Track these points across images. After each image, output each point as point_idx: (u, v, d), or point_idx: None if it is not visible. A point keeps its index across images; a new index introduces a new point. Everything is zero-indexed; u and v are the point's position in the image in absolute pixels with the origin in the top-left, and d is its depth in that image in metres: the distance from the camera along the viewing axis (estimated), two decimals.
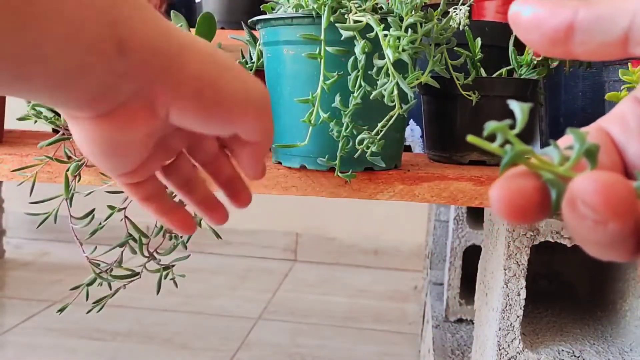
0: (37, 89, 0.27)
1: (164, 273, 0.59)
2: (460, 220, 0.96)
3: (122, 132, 0.31)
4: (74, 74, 0.27)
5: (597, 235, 0.18)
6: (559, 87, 0.71)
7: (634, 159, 0.23)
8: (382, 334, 1.38)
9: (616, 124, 0.24)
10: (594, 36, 0.22)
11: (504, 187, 0.19)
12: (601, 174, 0.17)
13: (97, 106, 0.29)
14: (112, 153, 0.32)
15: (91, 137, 0.32)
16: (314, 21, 0.50)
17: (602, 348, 0.58)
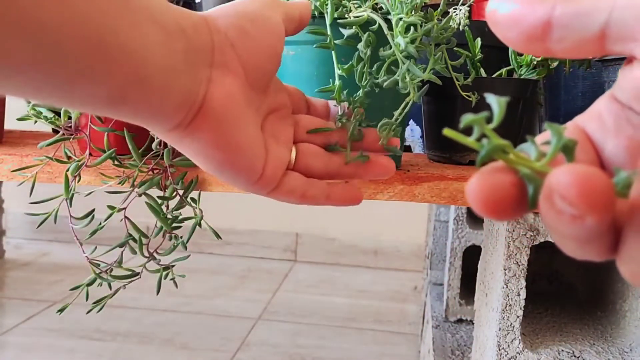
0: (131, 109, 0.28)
1: (163, 273, 0.59)
2: (460, 220, 0.96)
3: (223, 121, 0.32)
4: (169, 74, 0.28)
5: (574, 231, 0.17)
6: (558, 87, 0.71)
7: (611, 156, 0.23)
8: (382, 334, 1.38)
9: (593, 122, 0.23)
10: (571, 33, 0.22)
11: (480, 181, 0.19)
12: (578, 167, 0.17)
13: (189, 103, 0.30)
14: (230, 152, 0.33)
15: (202, 148, 0.32)
16: (314, 22, 0.50)
17: (602, 348, 0.58)
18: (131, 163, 0.57)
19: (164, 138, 0.33)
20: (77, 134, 0.59)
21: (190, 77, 0.30)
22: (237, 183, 0.36)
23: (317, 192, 0.40)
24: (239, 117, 0.33)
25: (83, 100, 0.27)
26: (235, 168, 0.34)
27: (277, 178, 0.37)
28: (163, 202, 0.57)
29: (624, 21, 0.20)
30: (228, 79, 0.32)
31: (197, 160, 0.34)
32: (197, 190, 0.58)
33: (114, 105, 0.27)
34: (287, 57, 0.53)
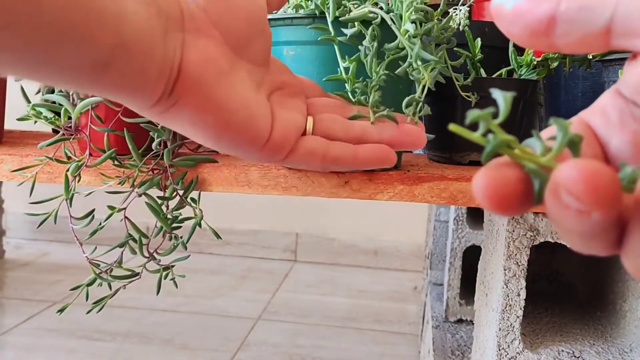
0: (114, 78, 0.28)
1: (163, 273, 0.59)
2: (460, 220, 0.96)
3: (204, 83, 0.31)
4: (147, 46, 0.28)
5: (580, 226, 0.17)
6: (558, 88, 0.71)
7: (616, 151, 0.23)
8: (382, 334, 1.38)
9: (597, 117, 0.23)
10: (575, 28, 0.21)
11: (486, 177, 0.19)
12: (585, 162, 0.17)
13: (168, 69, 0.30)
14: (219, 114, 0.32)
15: (191, 116, 0.31)
16: (314, 22, 0.50)
17: (602, 348, 0.58)
18: (131, 163, 0.57)
19: (151, 116, 0.32)
20: (77, 134, 0.59)
21: (165, 43, 0.30)
22: (242, 149, 0.34)
23: (342, 151, 0.36)
24: (222, 77, 0.32)
25: (66, 68, 0.26)
26: (232, 131, 0.33)
27: (290, 141, 0.35)
28: (163, 202, 0.57)
29: (630, 16, 0.20)
30: (201, 41, 0.31)
31: (193, 132, 0.33)
32: (197, 190, 0.58)
33: (97, 73, 0.27)
34: (287, 57, 0.53)
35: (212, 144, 0.34)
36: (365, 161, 0.37)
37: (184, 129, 0.33)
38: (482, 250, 0.71)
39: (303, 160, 0.35)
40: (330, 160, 0.36)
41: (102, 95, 0.30)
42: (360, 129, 0.38)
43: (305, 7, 0.50)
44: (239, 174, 0.57)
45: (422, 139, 0.38)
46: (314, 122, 0.37)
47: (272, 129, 0.34)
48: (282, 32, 0.53)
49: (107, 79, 0.28)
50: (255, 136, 0.33)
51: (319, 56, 0.52)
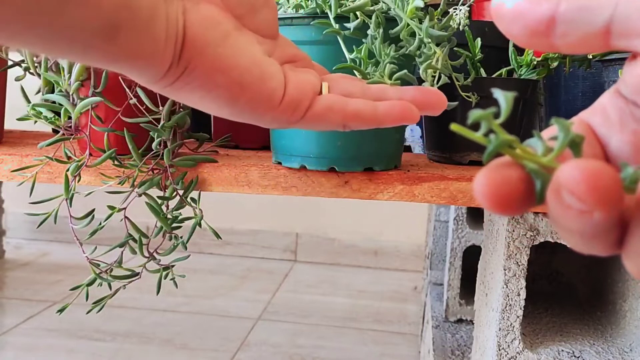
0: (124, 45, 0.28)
1: (163, 273, 0.59)
2: (460, 220, 0.96)
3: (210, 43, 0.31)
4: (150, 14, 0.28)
5: (581, 226, 0.17)
6: (558, 88, 0.71)
7: (616, 151, 0.23)
8: (382, 334, 1.38)
9: (598, 116, 0.23)
10: (575, 28, 0.21)
11: (488, 176, 0.19)
12: (587, 162, 0.17)
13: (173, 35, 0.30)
14: (232, 74, 0.31)
15: (204, 81, 0.31)
16: (317, 21, 0.50)
17: (602, 348, 0.58)
18: (131, 163, 0.57)
19: (162, 89, 0.32)
20: (77, 134, 0.59)
21: (167, 7, 0.30)
22: (258, 111, 0.33)
23: (361, 106, 0.34)
24: (227, 37, 0.32)
25: (74, 35, 0.26)
26: (246, 90, 0.32)
27: (307, 97, 0.34)
28: (163, 202, 0.57)
29: (629, 16, 0.20)
30: (202, 5, 0.31)
31: (206, 99, 0.32)
32: (197, 190, 0.58)
33: (106, 39, 0.27)
34: None
35: (227, 110, 0.33)
36: (386, 116, 0.34)
37: (197, 99, 0.33)
38: (482, 250, 0.71)
39: (322, 117, 0.34)
40: (351, 115, 0.34)
41: (115, 66, 0.30)
42: (378, 89, 0.36)
43: (305, 7, 0.50)
44: (239, 174, 0.57)
45: (443, 99, 0.36)
46: (330, 83, 0.36)
47: (286, 86, 0.33)
48: (282, 32, 0.53)
49: (116, 46, 0.28)
50: (271, 94, 0.33)
51: (319, 56, 0.52)
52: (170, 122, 0.57)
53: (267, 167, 0.57)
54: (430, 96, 0.35)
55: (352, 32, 0.48)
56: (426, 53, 0.46)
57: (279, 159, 0.58)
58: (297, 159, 0.56)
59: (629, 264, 0.19)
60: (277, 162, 0.58)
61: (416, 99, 0.35)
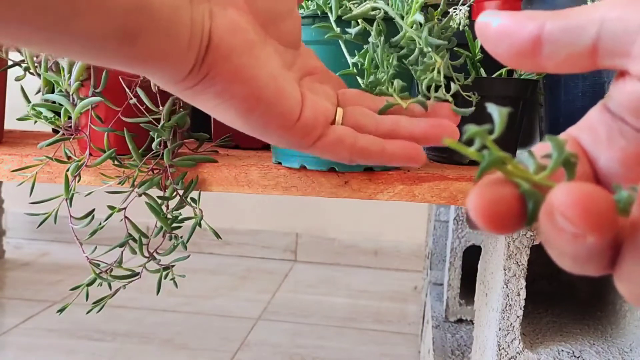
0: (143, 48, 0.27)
1: (163, 273, 0.59)
2: (460, 220, 0.96)
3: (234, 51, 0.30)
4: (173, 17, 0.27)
5: (574, 249, 0.17)
6: (558, 88, 0.71)
7: (605, 169, 0.22)
8: (382, 334, 1.38)
9: (586, 133, 0.23)
10: (561, 48, 0.21)
11: (481, 195, 0.19)
12: (580, 186, 0.16)
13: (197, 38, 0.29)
14: (251, 85, 0.31)
15: (223, 88, 0.31)
16: (314, 21, 0.50)
17: (602, 348, 0.58)
18: (131, 163, 0.57)
19: (180, 92, 0.31)
20: (77, 134, 0.59)
21: (192, 10, 0.29)
22: (271, 128, 0.33)
23: (370, 143, 0.35)
24: (253, 48, 0.31)
25: (91, 36, 0.26)
26: (262, 104, 0.32)
27: (320, 124, 0.34)
28: (163, 202, 0.57)
29: (615, 35, 0.20)
30: (229, 10, 0.31)
31: (221, 108, 0.32)
32: (197, 190, 0.58)
33: (123, 42, 0.26)
34: None
35: (241, 121, 0.33)
36: (392, 156, 0.35)
37: (212, 106, 0.32)
38: (482, 250, 0.71)
39: (332, 147, 0.34)
40: (358, 151, 0.35)
41: (133, 69, 0.29)
42: (391, 122, 0.37)
43: (306, 8, 0.50)
44: (239, 174, 0.57)
45: (456, 132, 0.36)
46: (344, 113, 0.36)
47: (303, 108, 0.33)
48: None
49: (134, 50, 0.27)
50: (286, 113, 0.32)
51: (320, 56, 0.52)
52: (170, 122, 0.57)
53: (267, 167, 0.57)
54: (443, 129, 0.36)
55: (354, 37, 0.48)
56: (426, 62, 0.46)
57: (279, 159, 0.58)
58: (297, 158, 0.56)
59: (621, 287, 0.19)
60: (277, 162, 0.58)
61: (428, 133, 0.36)
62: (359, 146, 0.35)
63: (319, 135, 0.34)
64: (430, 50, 0.45)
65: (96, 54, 0.27)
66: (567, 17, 0.21)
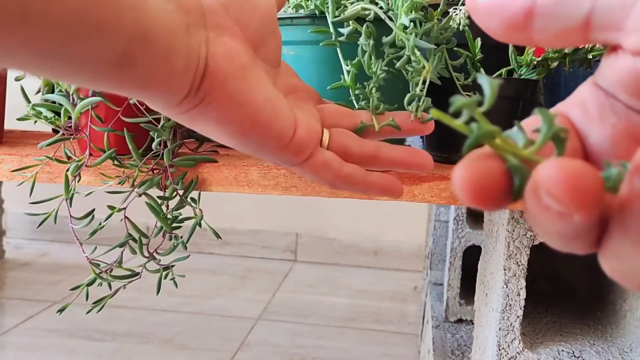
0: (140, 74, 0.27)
1: (163, 273, 0.59)
2: (460, 220, 0.96)
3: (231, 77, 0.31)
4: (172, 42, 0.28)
5: (560, 227, 0.17)
6: (559, 87, 0.71)
7: (595, 145, 0.22)
8: (382, 334, 1.38)
9: (577, 109, 0.23)
10: (554, 22, 0.21)
11: (468, 168, 0.18)
12: (567, 162, 0.16)
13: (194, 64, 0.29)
14: (248, 109, 0.31)
15: (219, 112, 0.31)
16: (314, 21, 0.50)
17: (602, 348, 0.58)
18: (131, 163, 0.57)
19: (176, 116, 0.32)
20: (77, 134, 0.59)
21: (189, 38, 0.29)
22: (267, 148, 0.33)
23: (355, 171, 0.36)
24: (248, 73, 0.32)
25: (87, 64, 0.26)
26: (259, 127, 0.32)
27: (312, 143, 0.35)
28: (163, 202, 0.57)
29: (609, 9, 0.20)
30: (225, 37, 0.31)
31: (218, 131, 0.32)
32: (197, 190, 0.58)
33: (120, 68, 0.27)
34: (287, 57, 0.53)
35: (237, 143, 0.33)
36: (373, 187, 0.37)
37: (209, 129, 0.33)
38: (482, 250, 0.71)
39: (319, 169, 0.35)
40: (343, 177, 0.36)
41: (128, 93, 0.29)
42: (373, 146, 0.38)
43: (305, 7, 0.50)
44: (238, 174, 0.57)
45: (430, 161, 0.39)
46: (331, 134, 0.37)
47: (297, 127, 0.34)
48: (283, 32, 0.52)
49: (130, 75, 0.27)
50: (281, 133, 0.33)
51: (319, 56, 0.52)
52: (170, 122, 0.57)
53: (267, 167, 0.57)
54: (418, 158, 0.39)
55: (347, 38, 0.48)
56: (415, 67, 0.46)
57: None
58: None
59: (605, 265, 0.18)
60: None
61: (406, 160, 0.39)
62: (344, 172, 0.36)
63: (309, 155, 0.35)
64: (417, 56, 0.45)
65: (92, 79, 0.28)
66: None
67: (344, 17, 0.48)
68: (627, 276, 0.18)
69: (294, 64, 0.53)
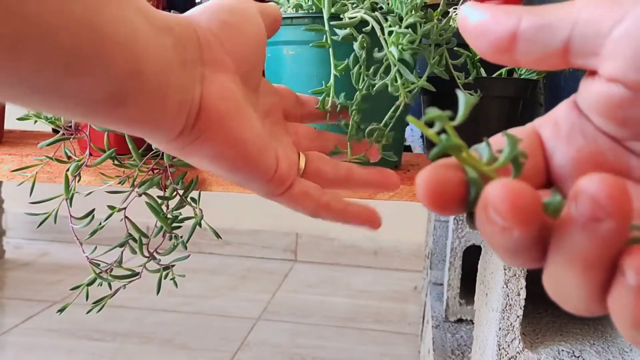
0: (133, 112, 0.27)
1: (163, 273, 0.59)
2: (460, 220, 0.96)
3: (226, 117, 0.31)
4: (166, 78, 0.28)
5: (504, 241, 0.18)
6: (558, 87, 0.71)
7: (558, 166, 0.23)
8: (382, 334, 1.38)
9: (549, 128, 0.24)
10: (535, 46, 0.22)
11: (430, 175, 0.20)
12: (511, 182, 0.18)
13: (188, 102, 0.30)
14: (240, 148, 0.32)
15: (212, 150, 0.32)
16: (314, 21, 0.50)
17: (602, 348, 0.58)
18: (131, 163, 0.57)
19: (170, 150, 0.32)
20: (77, 134, 0.59)
21: (184, 75, 0.29)
22: (253, 181, 0.34)
23: (333, 201, 0.38)
24: (241, 111, 0.32)
25: (81, 100, 0.26)
26: (250, 165, 0.33)
27: (292, 174, 0.36)
28: (163, 202, 0.57)
29: (586, 36, 0.21)
30: (220, 74, 0.31)
31: (210, 164, 0.33)
32: (197, 190, 0.58)
33: (114, 106, 0.26)
34: (287, 57, 0.53)
35: (227, 175, 0.34)
36: (353, 217, 0.39)
37: (201, 163, 0.33)
38: (482, 249, 0.71)
39: (298, 200, 0.37)
40: (323, 206, 0.37)
41: (121, 129, 0.29)
42: (346, 168, 0.40)
43: (304, 2, 0.50)
44: None
45: (397, 182, 0.42)
46: (307, 159, 0.39)
47: (279, 160, 0.35)
48: (282, 32, 0.53)
49: (125, 112, 0.27)
50: (267, 168, 0.34)
51: (318, 56, 0.52)
52: None
53: None
54: (387, 178, 0.41)
55: (343, 39, 0.48)
56: (394, 93, 0.47)
57: None
58: None
59: (545, 283, 0.20)
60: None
61: (376, 181, 0.41)
62: (324, 202, 0.38)
63: (290, 186, 0.36)
64: (398, 83, 0.46)
65: (83, 114, 0.27)
66: (542, 16, 0.22)
67: (342, 22, 0.48)
68: (562, 296, 0.20)
69: (294, 64, 0.53)
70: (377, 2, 0.50)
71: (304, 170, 0.38)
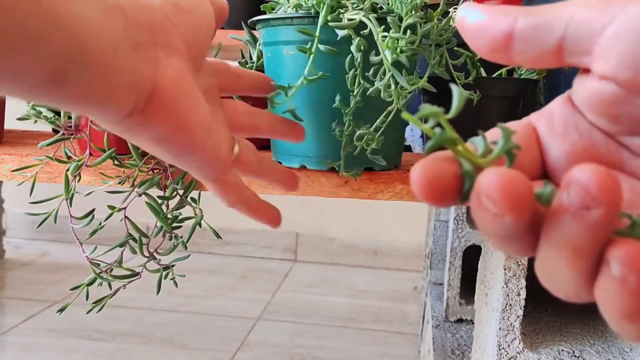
0: (76, 91, 0.27)
1: (163, 273, 0.59)
2: (460, 220, 0.96)
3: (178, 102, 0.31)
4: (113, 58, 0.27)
5: (496, 228, 0.19)
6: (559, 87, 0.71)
7: (553, 160, 0.24)
8: (382, 334, 1.38)
9: (544, 123, 0.24)
10: (531, 45, 0.23)
11: (425, 167, 0.20)
12: (504, 171, 0.18)
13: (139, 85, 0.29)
14: (191, 133, 0.32)
15: (162, 133, 0.32)
16: (314, 21, 0.50)
17: (602, 348, 0.58)
18: (131, 163, 0.57)
19: (117, 130, 0.32)
20: (77, 133, 0.59)
21: (135, 57, 0.29)
22: (197, 165, 0.35)
23: (251, 198, 0.42)
24: (192, 95, 0.32)
25: (22, 76, 0.25)
26: (196, 148, 0.33)
27: (230, 161, 0.37)
28: (163, 202, 0.57)
29: (579, 36, 0.22)
30: (174, 58, 0.31)
31: (158, 147, 0.33)
32: (197, 190, 0.58)
33: (54, 84, 0.26)
34: (287, 57, 0.53)
35: (173, 160, 0.34)
36: (261, 215, 0.43)
37: (147, 145, 0.33)
38: (482, 249, 0.71)
39: (228, 187, 0.40)
40: (244, 200, 0.42)
41: (68, 108, 0.29)
42: (269, 162, 0.45)
43: (305, 3, 0.50)
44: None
45: (296, 186, 0.48)
46: (240, 149, 0.40)
47: (220, 146, 0.36)
48: (282, 32, 0.53)
49: (68, 91, 0.27)
50: (212, 152, 0.35)
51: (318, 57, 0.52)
52: None
53: None
54: (289, 179, 0.47)
55: (328, 49, 0.48)
56: (387, 99, 0.47)
57: (279, 159, 0.58)
58: (297, 158, 0.55)
59: (537, 271, 0.21)
60: (277, 161, 0.58)
61: (280, 180, 0.46)
62: (246, 196, 0.41)
63: (226, 172, 0.38)
64: (392, 89, 0.46)
65: (25, 93, 0.27)
66: (537, 15, 0.23)
67: (341, 24, 0.48)
68: (552, 283, 0.20)
69: (293, 64, 0.53)
70: (377, 2, 0.50)
71: (236, 157, 0.39)
